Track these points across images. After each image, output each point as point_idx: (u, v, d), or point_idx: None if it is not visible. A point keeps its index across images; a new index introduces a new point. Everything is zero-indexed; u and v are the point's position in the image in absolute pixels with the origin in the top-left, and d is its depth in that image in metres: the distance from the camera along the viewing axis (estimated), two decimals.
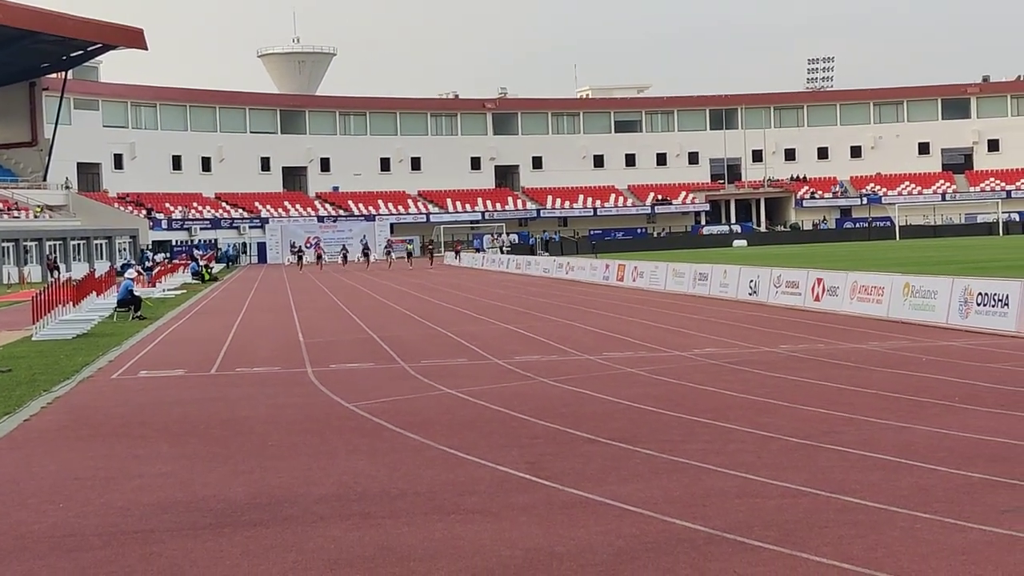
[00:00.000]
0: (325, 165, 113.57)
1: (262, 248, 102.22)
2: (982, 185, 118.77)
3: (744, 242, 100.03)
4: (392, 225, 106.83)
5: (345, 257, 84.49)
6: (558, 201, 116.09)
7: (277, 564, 7.83)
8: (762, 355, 19.33)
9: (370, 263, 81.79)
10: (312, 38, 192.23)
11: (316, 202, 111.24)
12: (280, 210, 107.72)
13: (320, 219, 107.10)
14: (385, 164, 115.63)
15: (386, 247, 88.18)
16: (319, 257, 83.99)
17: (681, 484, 9.78)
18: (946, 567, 7.23)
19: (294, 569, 7.70)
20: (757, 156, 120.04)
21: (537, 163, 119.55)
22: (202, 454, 12.02)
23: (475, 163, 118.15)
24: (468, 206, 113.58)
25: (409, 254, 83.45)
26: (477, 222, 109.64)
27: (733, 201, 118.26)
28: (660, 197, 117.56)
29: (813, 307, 28.23)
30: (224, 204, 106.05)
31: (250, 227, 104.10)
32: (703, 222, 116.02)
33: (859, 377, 16.16)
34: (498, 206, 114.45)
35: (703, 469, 10.35)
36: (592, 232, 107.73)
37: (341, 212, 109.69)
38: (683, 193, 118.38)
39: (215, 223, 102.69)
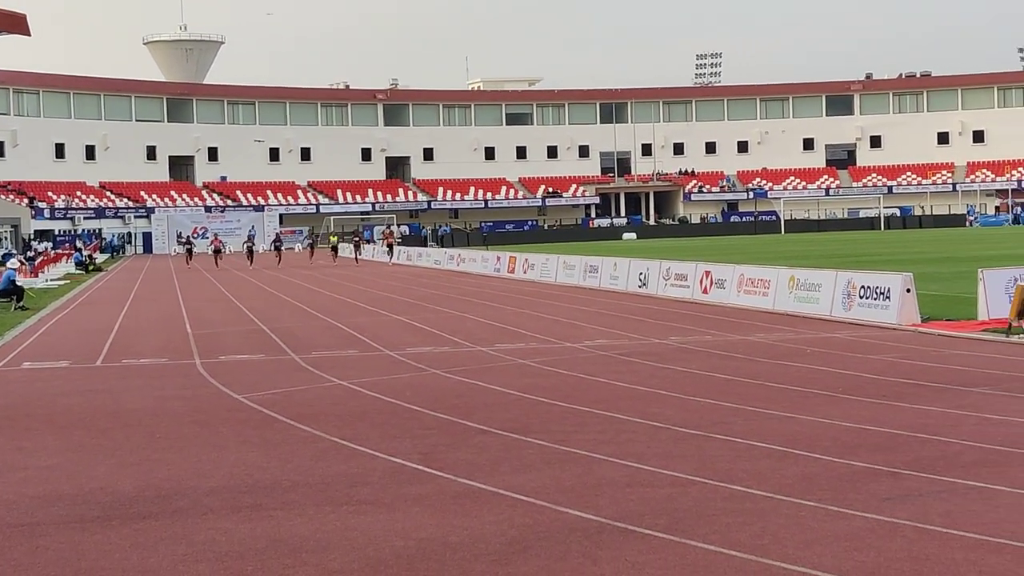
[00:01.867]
0: (213, 155, 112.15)
1: (148, 238, 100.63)
2: (864, 181, 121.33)
3: (633, 235, 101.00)
4: (281, 216, 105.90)
5: (251, 251, 63.84)
6: (449, 193, 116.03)
7: (167, 557, 7.74)
8: (652, 346, 19.54)
9: (282, 257, 64.91)
10: (199, 26, 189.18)
11: (203, 192, 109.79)
12: (167, 200, 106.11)
13: (208, 209, 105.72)
14: (274, 154, 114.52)
15: (308, 239, 77.37)
16: (217, 251, 64.40)
17: (573, 474, 9.87)
18: (830, 553, 7.39)
19: (184, 561, 7.62)
20: (646, 150, 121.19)
21: (428, 155, 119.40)
22: (89, 446, 11.83)
23: (366, 154, 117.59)
24: (359, 197, 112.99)
25: (334, 248, 68.45)
26: (368, 213, 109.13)
27: (623, 194, 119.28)
28: (551, 190, 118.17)
29: (701, 299, 28.59)
30: (109, 193, 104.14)
31: (135, 217, 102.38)
32: (593, 215, 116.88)
33: (746, 368, 16.42)
34: (389, 197, 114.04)
35: (594, 459, 10.44)
36: (483, 224, 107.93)
37: (229, 202, 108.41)
38: (573, 186, 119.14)
39: (99, 212, 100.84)
